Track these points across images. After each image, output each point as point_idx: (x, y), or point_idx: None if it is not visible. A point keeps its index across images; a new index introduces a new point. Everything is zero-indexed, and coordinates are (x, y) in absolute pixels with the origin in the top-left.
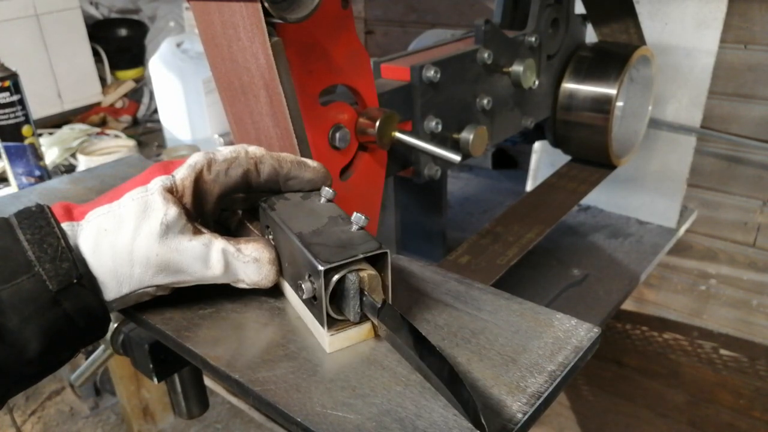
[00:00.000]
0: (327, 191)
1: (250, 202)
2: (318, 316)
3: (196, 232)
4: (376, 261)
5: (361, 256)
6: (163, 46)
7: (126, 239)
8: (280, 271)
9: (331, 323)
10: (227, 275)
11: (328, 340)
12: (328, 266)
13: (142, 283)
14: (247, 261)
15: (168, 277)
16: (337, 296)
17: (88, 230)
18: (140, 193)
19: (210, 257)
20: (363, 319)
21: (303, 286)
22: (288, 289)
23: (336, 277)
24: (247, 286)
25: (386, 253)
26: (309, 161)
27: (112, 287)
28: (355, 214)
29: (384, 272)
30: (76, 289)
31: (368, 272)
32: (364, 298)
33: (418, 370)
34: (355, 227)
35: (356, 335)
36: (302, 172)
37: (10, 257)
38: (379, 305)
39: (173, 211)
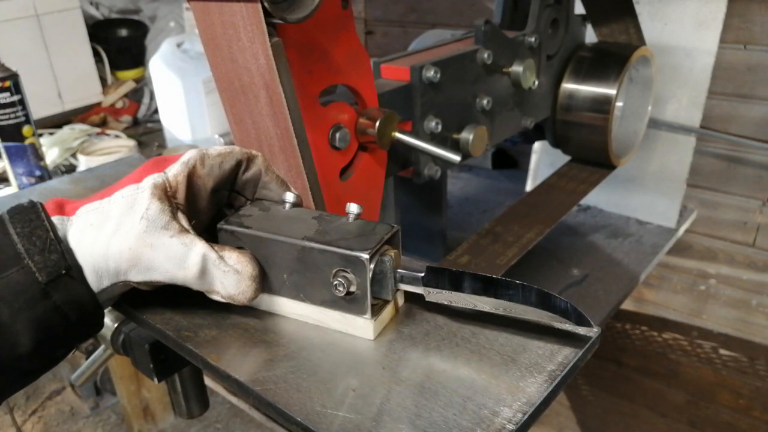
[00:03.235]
0: (290, 195)
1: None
2: (357, 309)
3: (182, 230)
4: (388, 240)
5: (387, 237)
6: (163, 46)
7: (107, 235)
8: (262, 289)
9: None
10: (202, 282)
11: (372, 327)
12: (372, 252)
13: (119, 277)
14: (227, 271)
15: (140, 274)
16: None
17: (76, 225)
18: (131, 191)
19: (187, 259)
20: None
21: (342, 283)
22: (285, 303)
23: (374, 263)
24: (221, 299)
25: (399, 229)
26: (291, 188)
27: (93, 280)
28: (348, 205)
29: (397, 249)
30: (66, 280)
31: (393, 251)
32: (398, 275)
33: (496, 308)
34: (352, 217)
35: (387, 315)
36: (281, 189)
37: (0, 251)
38: (423, 273)
39: (155, 206)
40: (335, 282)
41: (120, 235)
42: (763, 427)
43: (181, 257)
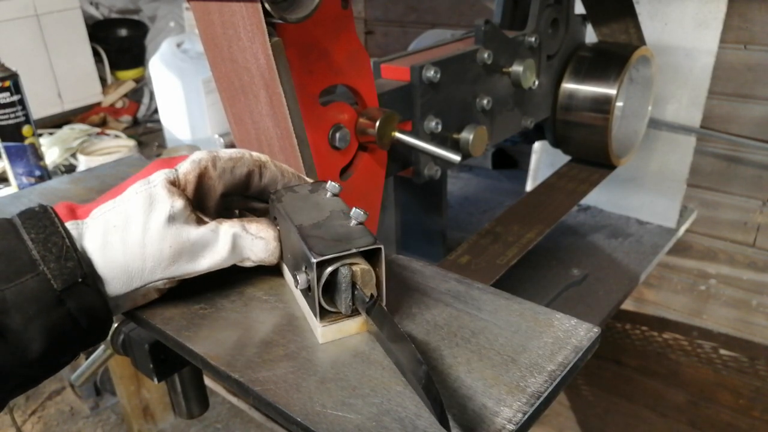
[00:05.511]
0: (333, 185)
1: (246, 204)
2: (312, 307)
3: (200, 221)
4: (371, 256)
5: (355, 250)
6: (163, 46)
7: (137, 234)
8: (282, 259)
9: (324, 314)
10: (234, 255)
11: (320, 331)
12: (321, 258)
13: (154, 276)
14: (255, 239)
15: (181, 267)
16: (332, 289)
17: (94, 228)
18: (143, 186)
19: (219, 240)
20: (355, 312)
21: (299, 276)
22: (291, 280)
23: (329, 270)
24: (253, 264)
25: (380, 248)
26: (308, 179)
27: (122, 282)
28: (354, 209)
29: (378, 268)
30: (81, 288)
31: (361, 267)
32: (356, 292)
33: (397, 366)
34: (353, 222)
35: (348, 328)
36: (301, 183)
37: (14, 257)
38: (368, 300)
39: (179, 203)
40: (295, 274)
41: (153, 234)
42: (763, 427)
43: (214, 241)
